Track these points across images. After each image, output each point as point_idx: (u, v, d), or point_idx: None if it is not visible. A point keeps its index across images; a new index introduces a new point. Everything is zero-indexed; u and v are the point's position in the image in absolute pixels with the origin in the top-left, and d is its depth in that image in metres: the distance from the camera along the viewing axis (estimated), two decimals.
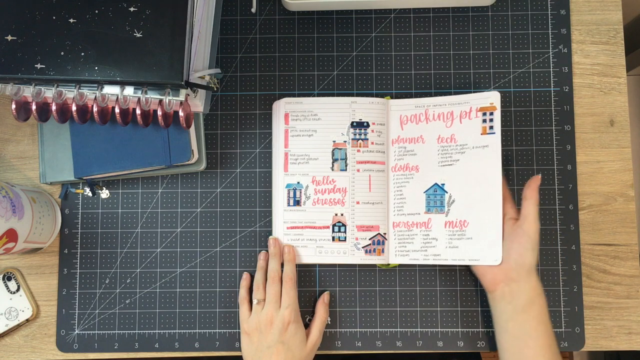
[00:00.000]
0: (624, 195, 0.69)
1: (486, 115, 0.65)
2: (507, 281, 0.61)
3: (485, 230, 0.64)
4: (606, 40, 0.71)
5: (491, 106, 0.65)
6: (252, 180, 0.70)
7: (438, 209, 0.66)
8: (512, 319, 0.60)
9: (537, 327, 0.59)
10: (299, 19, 0.72)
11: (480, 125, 0.65)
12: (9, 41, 0.55)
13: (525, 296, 0.59)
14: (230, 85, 0.71)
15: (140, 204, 0.70)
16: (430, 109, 0.67)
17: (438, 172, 0.66)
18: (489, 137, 0.64)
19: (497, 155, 0.64)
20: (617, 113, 0.70)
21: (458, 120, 0.66)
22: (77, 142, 0.67)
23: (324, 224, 0.67)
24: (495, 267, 0.62)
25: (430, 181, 0.66)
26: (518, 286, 0.60)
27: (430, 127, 0.67)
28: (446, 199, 0.66)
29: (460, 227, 0.65)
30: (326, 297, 0.67)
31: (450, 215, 0.65)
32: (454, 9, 0.71)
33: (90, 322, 0.69)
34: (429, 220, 0.66)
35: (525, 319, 0.59)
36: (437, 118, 0.67)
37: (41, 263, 0.70)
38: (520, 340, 0.59)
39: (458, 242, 0.65)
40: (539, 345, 0.58)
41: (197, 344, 0.68)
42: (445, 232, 0.65)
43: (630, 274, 0.68)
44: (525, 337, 0.59)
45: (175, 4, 0.56)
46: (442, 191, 0.66)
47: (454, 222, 0.65)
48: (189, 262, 0.69)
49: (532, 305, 0.59)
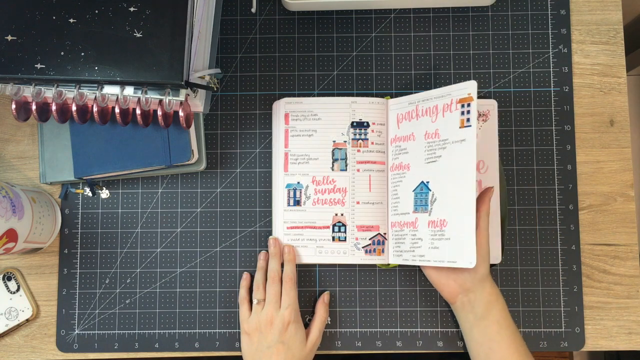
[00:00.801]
0: (624, 195, 0.69)
1: (464, 107, 0.60)
2: (464, 292, 0.61)
3: (460, 231, 0.60)
4: (606, 40, 0.71)
5: (469, 97, 0.60)
6: (252, 180, 0.70)
7: (423, 208, 0.64)
8: (475, 326, 0.61)
9: (499, 331, 0.59)
10: (299, 19, 0.72)
11: (459, 118, 0.61)
12: (9, 41, 0.55)
13: (482, 303, 0.60)
14: (230, 85, 0.71)
15: (140, 204, 0.70)
16: (420, 104, 0.65)
17: (424, 169, 0.64)
18: (466, 131, 0.60)
19: (472, 151, 0.59)
20: (617, 113, 0.70)
21: (441, 114, 0.62)
22: (77, 142, 0.67)
23: (324, 224, 0.67)
24: (451, 280, 0.62)
25: (418, 179, 0.64)
26: (475, 295, 0.61)
27: (419, 123, 0.65)
28: (429, 198, 0.63)
29: (440, 226, 0.62)
30: (326, 297, 0.67)
31: (433, 214, 0.62)
32: (454, 9, 0.71)
33: (90, 322, 0.69)
34: (416, 219, 0.64)
35: (486, 324, 0.60)
36: (425, 114, 0.64)
37: (41, 263, 0.70)
38: (485, 346, 0.60)
39: (438, 242, 0.61)
40: (504, 348, 0.59)
41: (197, 344, 0.68)
42: (428, 232, 0.63)
43: (630, 274, 0.68)
44: (490, 343, 0.60)
45: (175, 4, 0.56)
46: (427, 189, 0.63)
47: (435, 222, 0.62)
48: (189, 262, 0.69)
49: (491, 310, 0.60)
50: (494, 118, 0.68)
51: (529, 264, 0.68)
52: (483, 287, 0.60)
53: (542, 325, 0.67)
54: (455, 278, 0.62)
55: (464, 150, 0.60)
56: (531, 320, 0.67)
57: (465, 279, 0.61)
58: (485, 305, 0.60)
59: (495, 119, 0.68)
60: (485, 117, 0.68)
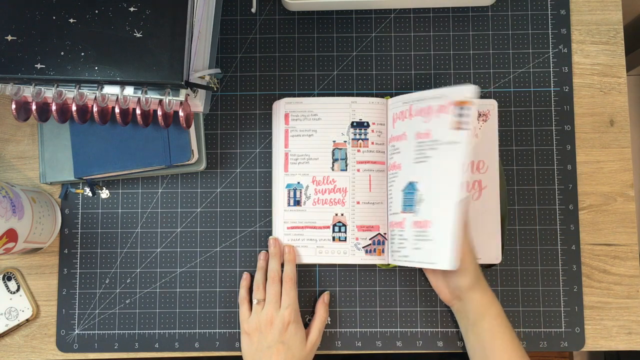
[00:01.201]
0: (624, 195, 0.69)
1: (462, 110, 0.59)
2: (456, 298, 0.62)
3: (441, 232, 0.59)
4: (606, 40, 0.71)
5: (466, 100, 0.59)
6: (252, 180, 0.70)
7: (410, 208, 0.63)
8: (470, 331, 0.61)
9: (492, 339, 0.59)
10: (299, 19, 0.72)
11: (453, 120, 0.59)
12: (9, 41, 0.55)
13: (473, 312, 0.60)
14: (230, 85, 0.71)
15: (140, 204, 0.70)
16: (414, 104, 0.64)
17: (413, 169, 0.63)
18: (459, 134, 0.59)
19: (462, 154, 0.58)
20: (617, 113, 0.70)
21: (435, 115, 0.61)
22: (77, 142, 0.67)
23: (324, 224, 0.67)
24: (444, 286, 0.63)
25: (407, 179, 0.64)
26: (465, 303, 0.61)
27: (412, 123, 0.64)
28: (416, 198, 0.62)
29: (424, 227, 0.61)
30: (326, 297, 0.67)
31: (419, 214, 0.62)
32: (454, 9, 0.71)
33: (90, 322, 0.69)
34: (404, 220, 0.64)
35: (479, 331, 0.60)
36: (418, 113, 0.64)
37: (41, 263, 0.70)
38: (479, 351, 0.60)
39: (421, 243, 0.61)
40: (498, 355, 0.59)
41: (197, 344, 0.68)
42: (413, 233, 0.62)
43: (630, 274, 0.68)
44: (483, 349, 0.60)
45: (175, 4, 0.56)
46: (414, 190, 0.63)
47: (420, 222, 0.61)
48: (189, 262, 0.69)
49: (483, 318, 0.60)
50: (494, 118, 0.68)
51: (529, 264, 0.68)
52: (471, 297, 0.60)
53: (542, 325, 0.67)
54: (447, 285, 0.63)
55: (453, 153, 0.59)
56: (531, 320, 0.67)
57: (455, 286, 0.62)
58: (476, 314, 0.60)
59: (495, 119, 0.68)
60: (485, 117, 0.68)
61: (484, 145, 0.67)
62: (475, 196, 0.66)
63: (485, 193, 0.67)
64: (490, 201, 0.67)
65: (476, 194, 0.66)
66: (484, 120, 0.68)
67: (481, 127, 0.68)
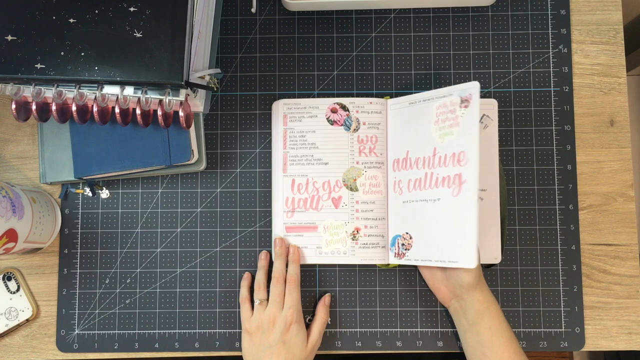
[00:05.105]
0: (624, 195, 0.69)
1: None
2: (455, 297, 0.62)
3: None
4: (606, 40, 0.71)
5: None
6: (252, 180, 0.70)
7: None
8: (468, 331, 0.61)
9: (491, 338, 0.59)
10: (299, 19, 0.72)
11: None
12: (9, 41, 0.55)
13: (472, 310, 0.60)
14: (230, 85, 0.71)
15: (140, 204, 0.70)
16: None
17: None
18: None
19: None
20: (617, 113, 0.70)
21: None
22: (77, 142, 0.67)
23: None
24: (442, 285, 0.63)
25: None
26: (465, 302, 0.61)
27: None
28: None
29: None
30: (327, 299, 0.67)
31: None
32: (454, 9, 0.71)
33: (90, 322, 0.69)
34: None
35: (478, 330, 0.60)
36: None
37: (41, 263, 0.70)
38: (477, 351, 0.60)
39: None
40: (497, 355, 0.59)
41: (197, 344, 0.68)
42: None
43: (630, 274, 0.68)
44: (482, 348, 0.60)
45: (175, 4, 0.56)
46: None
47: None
48: (189, 262, 0.69)
49: (482, 317, 0.60)
50: (494, 118, 0.68)
51: (529, 264, 0.68)
52: (472, 295, 0.60)
53: (542, 325, 0.67)
54: (446, 284, 0.63)
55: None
56: (531, 320, 0.67)
57: (454, 286, 0.61)
58: (476, 313, 0.60)
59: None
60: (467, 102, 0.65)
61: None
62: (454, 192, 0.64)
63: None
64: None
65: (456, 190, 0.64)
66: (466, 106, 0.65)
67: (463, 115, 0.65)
